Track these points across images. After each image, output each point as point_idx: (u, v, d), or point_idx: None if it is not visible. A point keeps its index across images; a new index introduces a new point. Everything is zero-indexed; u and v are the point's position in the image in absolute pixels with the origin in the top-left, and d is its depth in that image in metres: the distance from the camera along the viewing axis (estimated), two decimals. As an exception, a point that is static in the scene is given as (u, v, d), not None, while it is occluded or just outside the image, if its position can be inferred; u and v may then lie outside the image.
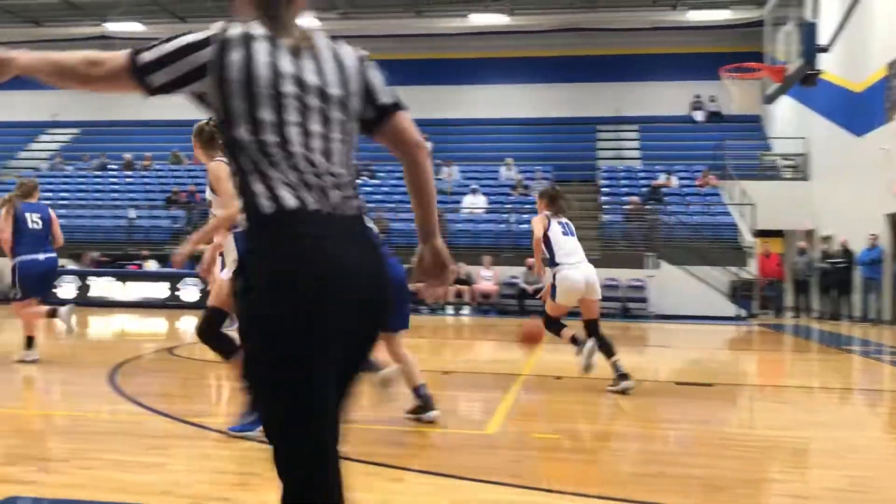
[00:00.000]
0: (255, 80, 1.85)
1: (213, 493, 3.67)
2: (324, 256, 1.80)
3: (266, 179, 1.82)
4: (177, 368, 8.52)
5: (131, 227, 20.97)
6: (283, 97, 1.87)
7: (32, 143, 30.05)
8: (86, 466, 4.05)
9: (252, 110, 1.85)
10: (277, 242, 1.79)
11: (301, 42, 1.93)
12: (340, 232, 1.85)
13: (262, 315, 1.79)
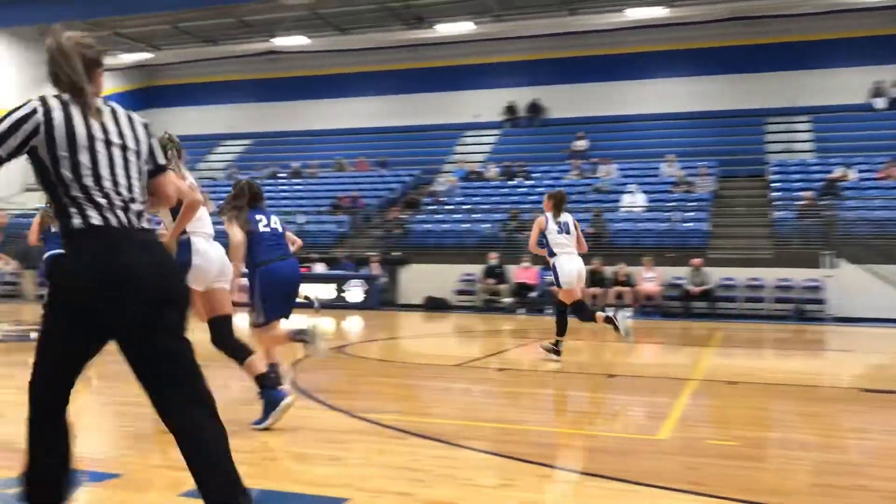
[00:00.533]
0: (74, 135, 2.58)
1: (392, 487, 3.77)
2: (116, 256, 2.54)
3: (80, 206, 2.55)
4: (347, 366, 8.84)
5: (300, 231, 21.99)
6: (95, 147, 2.60)
7: (210, 154, 32.20)
8: (272, 458, 4.28)
9: (73, 156, 2.56)
10: (84, 247, 2.56)
11: (103, 110, 2.74)
12: (131, 240, 2.59)
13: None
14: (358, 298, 19.11)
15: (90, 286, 2.49)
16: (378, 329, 14.56)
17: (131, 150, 2.72)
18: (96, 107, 2.74)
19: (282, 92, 32.31)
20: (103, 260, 2.52)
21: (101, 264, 2.51)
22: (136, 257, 2.56)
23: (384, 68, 30.04)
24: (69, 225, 2.55)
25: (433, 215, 22.38)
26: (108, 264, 2.51)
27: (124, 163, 2.68)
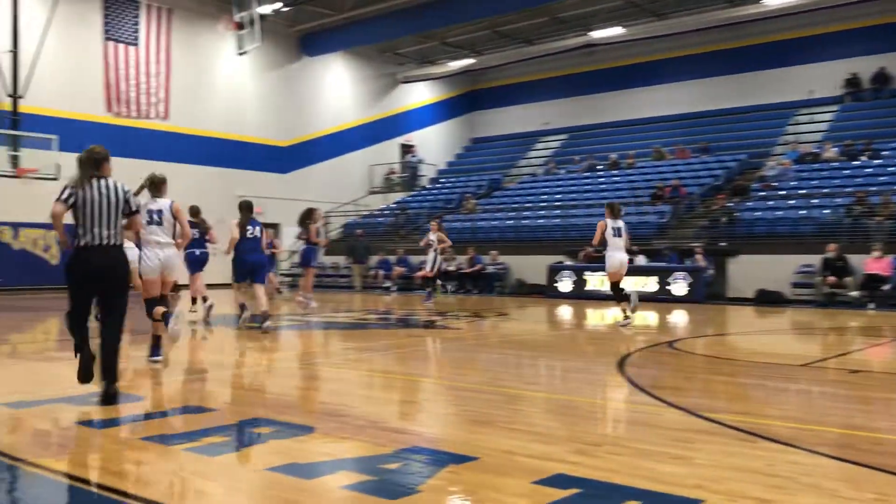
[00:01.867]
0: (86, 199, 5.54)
1: (749, 492, 3.55)
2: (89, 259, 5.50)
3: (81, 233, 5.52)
4: (679, 362, 8.57)
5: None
6: (93, 207, 5.54)
7: (529, 151, 33.19)
8: (617, 452, 4.25)
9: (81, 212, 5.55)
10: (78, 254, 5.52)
11: (102, 184, 5.62)
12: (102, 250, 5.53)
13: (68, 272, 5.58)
14: (682, 292, 18.50)
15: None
16: (705, 324, 13.95)
17: (113, 206, 5.69)
18: (99, 184, 5.75)
19: (597, 84, 32.35)
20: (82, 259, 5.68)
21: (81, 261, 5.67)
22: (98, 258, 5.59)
23: (704, 50, 28.79)
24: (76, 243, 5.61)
25: (764, 202, 20.95)
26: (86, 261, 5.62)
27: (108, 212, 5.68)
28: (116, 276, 5.60)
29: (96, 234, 5.54)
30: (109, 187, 5.70)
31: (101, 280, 5.53)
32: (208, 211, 26.33)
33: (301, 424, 4.86)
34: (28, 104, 19.64)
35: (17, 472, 3.91)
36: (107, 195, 5.64)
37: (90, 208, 5.55)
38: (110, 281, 5.56)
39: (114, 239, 5.61)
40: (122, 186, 5.81)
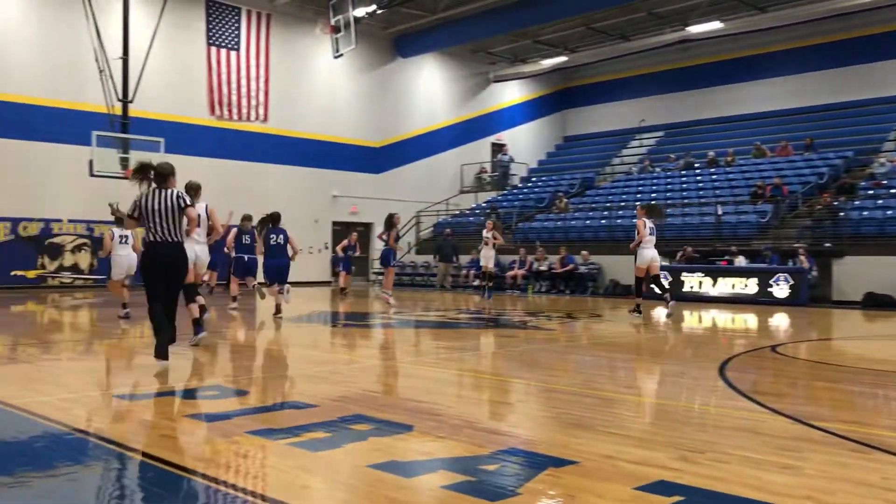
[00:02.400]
0: (145, 206, 7.02)
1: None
2: (154, 251, 7.02)
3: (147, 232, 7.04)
4: (783, 367, 8.28)
5: (719, 223, 21.24)
6: (152, 211, 6.97)
7: (623, 149, 32.66)
8: (721, 460, 4.13)
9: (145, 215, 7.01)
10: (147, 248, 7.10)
11: (163, 195, 7.00)
12: (164, 245, 7.01)
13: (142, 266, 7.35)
14: (784, 294, 17.87)
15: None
16: (809, 328, 13.42)
17: (170, 210, 7.03)
18: (161, 193, 7.06)
19: (693, 80, 31.61)
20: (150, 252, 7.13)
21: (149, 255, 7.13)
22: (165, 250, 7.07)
23: (808, 42, 27.75)
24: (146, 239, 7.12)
25: (873, 200, 20.01)
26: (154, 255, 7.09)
27: (166, 216, 7.04)
28: (175, 265, 7.11)
29: (159, 233, 6.99)
30: (169, 196, 7.04)
31: (163, 267, 7.00)
32: (304, 211, 27.18)
33: (399, 422, 4.92)
34: (137, 108, 20.55)
35: (126, 462, 4.10)
36: (166, 202, 7.00)
37: (153, 214, 6.97)
38: (170, 268, 7.04)
39: (173, 236, 7.03)
40: (177, 193, 7.15)
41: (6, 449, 4.35)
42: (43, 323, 13.09)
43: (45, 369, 7.48)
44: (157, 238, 6.98)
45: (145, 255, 7.15)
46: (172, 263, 7.05)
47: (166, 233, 6.99)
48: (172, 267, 7.06)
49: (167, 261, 7.01)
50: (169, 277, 7.03)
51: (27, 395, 5.87)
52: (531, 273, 22.95)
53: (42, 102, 21.68)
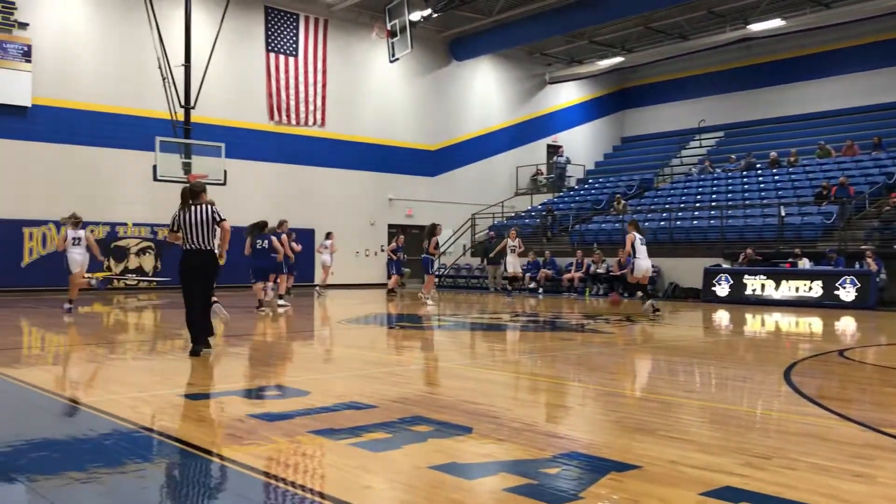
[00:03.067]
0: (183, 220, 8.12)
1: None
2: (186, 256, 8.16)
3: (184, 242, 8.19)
4: (851, 372, 8.04)
5: (782, 224, 20.75)
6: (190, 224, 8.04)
7: (683, 150, 32.15)
8: (789, 466, 4.03)
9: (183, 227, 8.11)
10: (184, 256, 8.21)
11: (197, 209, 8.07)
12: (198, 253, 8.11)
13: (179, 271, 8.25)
14: (850, 297, 17.35)
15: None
16: (878, 332, 13.00)
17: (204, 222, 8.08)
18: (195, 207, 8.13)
19: (754, 79, 31.01)
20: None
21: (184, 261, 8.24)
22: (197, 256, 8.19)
23: (875, 39, 27.00)
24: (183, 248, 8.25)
25: (944, 201, 19.32)
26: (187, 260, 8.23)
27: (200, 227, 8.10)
28: (208, 270, 8.26)
29: (195, 242, 8.07)
30: (204, 210, 8.12)
31: (199, 272, 8.14)
32: (361, 214, 27.41)
33: (458, 424, 4.91)
34: (198, 114, 20.99)
35: (192, 460, 4.17)
36: (201, 216, 8.09)
37: (191, 226, 8.06)
38: (204, 272, 8.20)
39: (207, 245, 8.12)
40: (212, 208, 8.20)
41: (78, 446, 4.48)
42: (109, 324, 13.45)
43: (113, 369, 7.68)
44: (192, 247, 8.07)
45: (183, 261, 8.17)
46: (206, 268, 8.20)
47: (201, 242, 8.08)
48: (206, 271, 8.22)
49: (201, 266, 8.14)
50: (203, 280, 8.22)
51: (96, 394, 6.04)
52: (588, 275, 22.74)
53: (108, 110, 22.32)
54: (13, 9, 20.80)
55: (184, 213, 8.10)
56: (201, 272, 8.17)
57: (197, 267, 8.12)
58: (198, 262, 8.12)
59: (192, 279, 8.15)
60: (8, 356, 8.33)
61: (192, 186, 8.35)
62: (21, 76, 20.79)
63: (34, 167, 21.15)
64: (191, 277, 8.15)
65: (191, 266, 8.12)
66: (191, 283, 8.17)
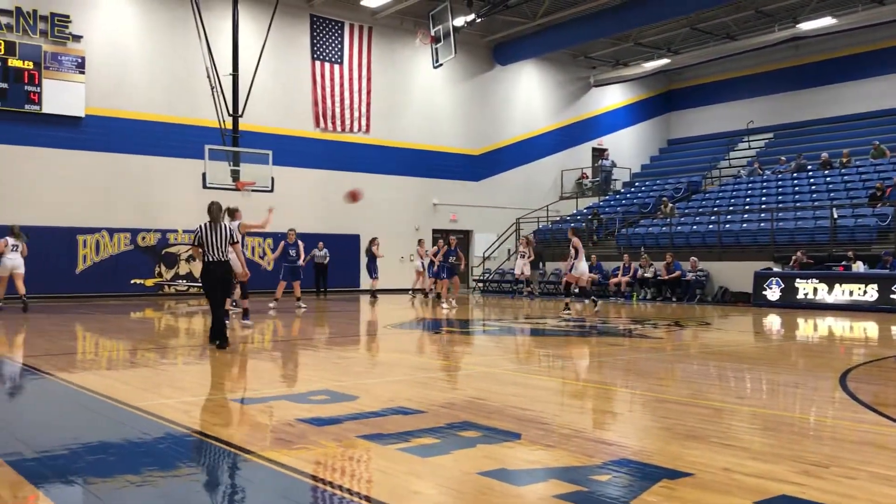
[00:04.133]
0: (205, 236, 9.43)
1: None
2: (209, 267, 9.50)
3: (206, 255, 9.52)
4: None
5: (834, 227, 20.29)
6: (210, 238, 9.39)
7: (731, 151, 31.66)
8: (848, 475, 3.93)
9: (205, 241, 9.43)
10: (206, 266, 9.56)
11: (217, 227, 9.44)
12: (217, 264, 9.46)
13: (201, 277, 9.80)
14: (908, 300, 16.88)
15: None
16: (939, 336, 12.62)
17: (222, 238, 9.47)
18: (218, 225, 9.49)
19: (804, 79, 30.43)
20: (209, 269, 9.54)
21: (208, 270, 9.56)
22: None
23: (931, 35, 26.25)
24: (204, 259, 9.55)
25: None
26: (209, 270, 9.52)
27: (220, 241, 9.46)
28: (224, 279, 9.68)
29: (215, 255, 9.45)
30: (222, 228, 9.55)
31: (218, 279, 9.55)
32: (405, 219, 27.52)
33: (507, 430, 4.89)
34: (246, 122, 21.31)
35: (243, 463, 4.22)
36: (221, 234, 9.50)
37: (210, 241, 9.42)
38: (223, 280, 9.64)
39: (223, 257, 9.53)
40: (229, 228, 9.70)
41: (132, 449, 4.56)
42: (160, 329, 13.70)
43: (164, 373, 7.82)
44: (213, 258, 9.46)
45: (205, 271, 9.56)
46: (224, 276, 9.67)
47: (220, 255, 9.49)
48: (224, 279, 9.70)
49: (220, 275, 9.56)
50: (222, 286, 9.68)
51: (149, 398, 6.15)
52: (635, 280, 22.50)
53: (159, 119, 22.78)
54: (68, 22, 21.36)
55: (206, 231, 9.42)
56: (221, 280, 9.60)
57: (217, 276, 9.50)
58: (218, 272, 9.49)
59: (213, 285, 9.53)
60: (64, 361, 8.54)
61: (212, 210, 9.65)
62: (75, 87, 21.34)
63: (87, 176, 21.67)
64: (213, 284, 9.52)
65: (213, 275, 9.47)
66: (213, 288, 9.54)
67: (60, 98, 21.10)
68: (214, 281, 9.50)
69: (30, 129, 20.86)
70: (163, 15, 22.93)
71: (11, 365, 8.30)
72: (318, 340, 11.31)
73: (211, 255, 9.42)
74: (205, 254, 9.44)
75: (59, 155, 21.28)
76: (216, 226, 9.48)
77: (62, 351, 9.66)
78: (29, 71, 20.70)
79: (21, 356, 8.85)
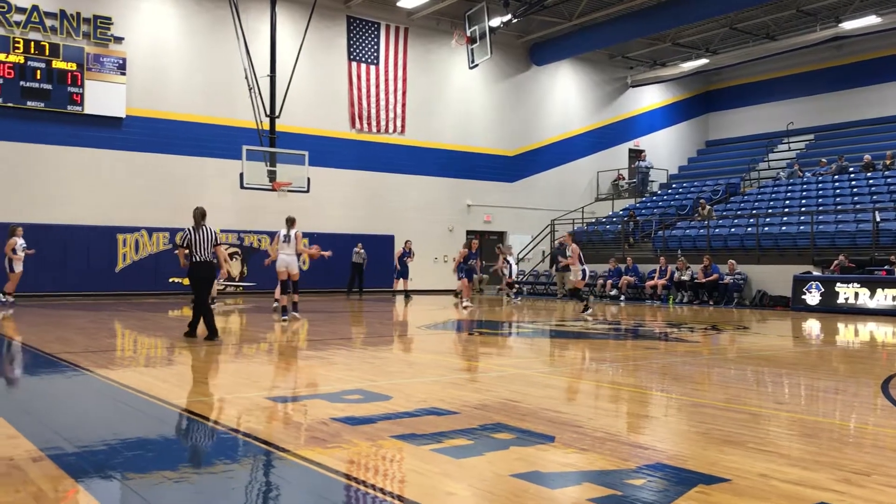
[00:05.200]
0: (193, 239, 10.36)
1: None
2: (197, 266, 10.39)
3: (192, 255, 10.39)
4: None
5: (877, 230, 19.89)
6: (196, 240, 10.32)
7: (770, 153, 31.21)
8: (890, 484, 3.84)
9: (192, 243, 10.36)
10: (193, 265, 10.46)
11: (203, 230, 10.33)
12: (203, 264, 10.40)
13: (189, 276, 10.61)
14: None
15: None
16: None
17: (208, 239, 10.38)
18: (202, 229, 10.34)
19: (846, 79, 29.90)
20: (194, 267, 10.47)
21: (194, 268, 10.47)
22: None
23: (979, 34, 25.62)
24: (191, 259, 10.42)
25: None
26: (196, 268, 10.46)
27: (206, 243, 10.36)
28: (209, 277, 10.62)
29: (201, 255, 10.32)
30: (208, 230, 10.40)
31: (203, 278, 10.46)
32: (439, 220, 27.55)
33: (540, 433, 4.87)
34: (283, 123, 21.49)
35: (277, 461, 4.25)
36: (205, 235, 10.35)
37: (197, 243, 10.30)
38: (205, 279, 10.52)
39: (208, 257, 10.38)
40: (213, 229, 10.52)
41: (169, 446, 4.62)
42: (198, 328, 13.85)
43: (201, 371, 7.91)
44: (199, 259, 10.34)
45: (192, 269, 10.44)
46: (208, 274, 10.57)
47: (205, 255, 10.36)
48: (209, 277, 10.61)
49: (205, 274, 10.47)
50: (206, 283, 10.62)
51: (186, 395, 6.23)
52: (672, 283, 22.27)
53: (198, 120, 23.08)
54: (110, 24, 21.74)
55: (193, 234, 10.31)
56: (206, 279, 10.55)
57: (202, 274, 10.44)
58: (203, 271, 10.43)
59: (199, 283, 10.47)
60: (104, 358, 8.68)
61: (197, 211, 10.50)
62: (116, 88, 21.71)
63: (127, 175, 22.03)
64: (198, 281, 10.46)
65: (199, 274, 10.41)
66: (198, 285, 10.49)
67: (102, 99, 21.48)
68: (200, 278, 10.41)
69: (72, 130, 21.27)
70: (202, 17, 23.23)
71: (52, 361, 8.46)
72: (352, 340, 11.37)
73: (197, 255, 10.30)
74: (192, 254, 10.32)
75: (100, 155, 21.66)
76: (201, 229, 10.34)
77: (101, 348, 9.82)
78: (72, 72, 21.11)
79: (62, 353, 9.02)
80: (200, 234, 10.31)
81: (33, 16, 20.79)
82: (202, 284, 10.48)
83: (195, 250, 10.30)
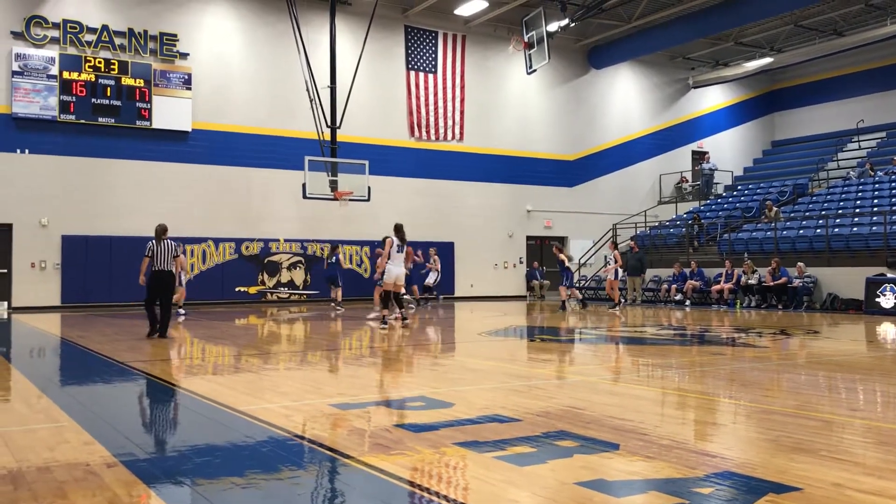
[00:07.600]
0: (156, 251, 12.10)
1: None
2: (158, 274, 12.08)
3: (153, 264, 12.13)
4: None
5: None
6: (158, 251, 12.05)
7: (840, 152, 30.33)
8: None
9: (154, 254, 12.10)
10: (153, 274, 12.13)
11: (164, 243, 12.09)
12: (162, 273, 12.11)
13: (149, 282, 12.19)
14: None
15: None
16: None
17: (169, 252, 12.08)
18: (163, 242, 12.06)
19: (920, 74, 28.88)
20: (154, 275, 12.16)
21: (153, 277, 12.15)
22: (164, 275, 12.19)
23: None
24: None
25: None
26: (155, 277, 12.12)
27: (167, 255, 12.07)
28: (168, 286, 12.17)
29: (159, 265, 11.90)
30: (166, 244, 12.02)
31: (163, 286, 12.06)
32: (500, 226, 27.51)
33: (605, 440, 4.82)
34: (343, 133, 21.77)
35: (342, 468, 4.30)
36: (165, 248, 11.99)
37: (158, 254, 11.90)
38: (165, 288, 12.12)
39: (167, 267, 11.98)
40: (173, 244, 12.23)
41: (237, 452, 4.72)
42: (263, 335, 14.12)
43: (267, 378, 8.05)
44: (159, 268, 11.91)
45: (152, 278, 11.93)
46: (168, 284, 12.14)
47: (164, 265, 11.94)
48: (168, 286, 12.17)
49: (165, 280, 12.04)
50: (166, 289, 12.15)
51: (252, 402, 6.35)
52: (738, 287, 21.79)
53: (261, 132, 23.56)
54: (175, 41, 22.37)
55: (156, 246, 11.91)
56: (165, 287, 12.08)
57: (162, 283, 12.00)
58: (163, 280, 11.98)
59: (158, 290, 12.01)
60: (172, 366, 8.90)
61: (160, 228, 12.11)
62: (182, 103, 22.32)
63: (193, 187, 22.59)
64: (157, 289, 12.00)
65: (159, 282, 11.96)
66: (157, 293, 12.00)
67: (169, 113, 22.11)
68: (160, 285, 12.02)
69: (141, 144, 21.93)
70: (264, 31, 23.72)
71: (123, 369, 8.72)
72: (411, 347, 11.43)
73: (157, 265, 11.89)
74: (153, 264, 11.88)
75: (168, 168, 22.27)
76: (162, 242, 11.97)
77: (170, 357, 10.07)
78: (140, 88, 21.78)
79: (133, 361, 9.28)
80: (162, 247, 11.97)
81: (103, 35, 21.52)
82: (160, 288, 12.04)
83: (156, 261, 11.89)
